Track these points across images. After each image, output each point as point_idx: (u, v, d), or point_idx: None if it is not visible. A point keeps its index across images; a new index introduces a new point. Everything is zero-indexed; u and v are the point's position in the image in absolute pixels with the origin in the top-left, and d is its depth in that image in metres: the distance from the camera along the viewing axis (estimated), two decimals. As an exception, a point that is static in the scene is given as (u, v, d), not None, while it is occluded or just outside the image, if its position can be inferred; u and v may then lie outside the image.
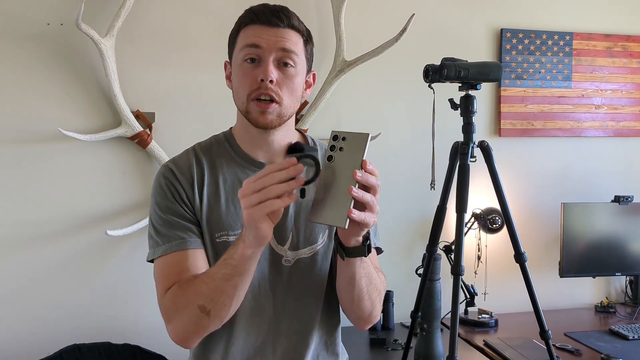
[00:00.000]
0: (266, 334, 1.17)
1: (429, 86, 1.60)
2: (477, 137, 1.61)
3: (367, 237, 1.04)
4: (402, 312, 2.18)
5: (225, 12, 2.13)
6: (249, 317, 1.16)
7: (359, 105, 2.28)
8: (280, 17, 1.11)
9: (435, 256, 1.73)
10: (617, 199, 2.42)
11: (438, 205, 1.68)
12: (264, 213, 0.92)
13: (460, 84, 1.61)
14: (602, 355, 1.91)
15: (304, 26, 1.17)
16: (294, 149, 1.20)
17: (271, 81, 1.09)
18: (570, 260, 2.38)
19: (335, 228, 1.07)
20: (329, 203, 0.93)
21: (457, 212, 1.53)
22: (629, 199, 2.42)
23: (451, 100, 1.60)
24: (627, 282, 2.58)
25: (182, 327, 1.08)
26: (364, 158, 0.94)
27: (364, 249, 1.03)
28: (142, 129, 2.01)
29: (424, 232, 2.29)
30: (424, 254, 1.75)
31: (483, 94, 2.41)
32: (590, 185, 2.55)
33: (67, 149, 2.00)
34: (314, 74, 1.22)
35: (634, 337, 2.10)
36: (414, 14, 2.07)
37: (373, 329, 2.19)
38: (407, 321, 1.90)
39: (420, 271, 1.81)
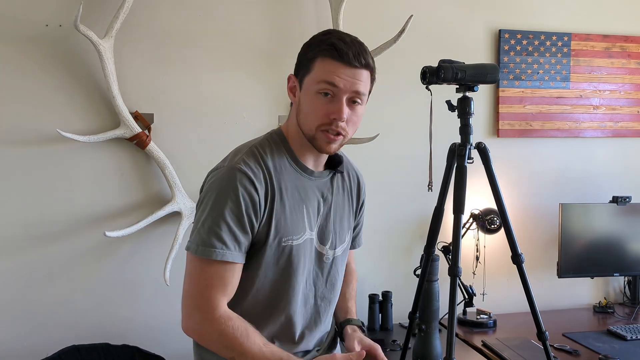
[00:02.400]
0: (309, 322, 1.36)
1: (427, 88, 1.60)
2: (475, 138, 1.61)
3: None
4: (401, 312, 2.18)
5: (224, 13, 2.14)
6: (298, 309, 1.32)
7: (357, 106, 2.28)
8: (359, 59, 1.20)
9: (433, 257, 1.73)
10: (615, 200, 2.42)
11: (435, 207, 1.68)
12: None
13: (457, 86, 1.61)
14: (600, 356, 1.92)
15: (373, 62, 1.27)
16: (335, 161, 1.38)
17: (343, 120, 1.21)
18: (568, 261, 2.38)
19: (352, 226, 1.46)
20: None
21: (454, 213, 1.53)
22: (627, 199, 2.42)
23: (448, 102, 1.60)
24: (625, 283, 2.59)
25: (207, 345, 1.24)
26: None
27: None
28: (140, 130, 2.01)
29: (422, 233, 2.29)
30: (422, 255, 1.76)
31: (481, 95, 2.41)
32: (589, 186, 2.56)
33: (66, 150, 2.00)
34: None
35: (632, 337, 2.10)
36: (412, 15, 2.07)
37: (371, 330, 2.19)
38: (406, 322, 1.90)
39: (418, 272, 1.81)
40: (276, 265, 1.27)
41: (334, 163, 1.37)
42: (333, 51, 1.19)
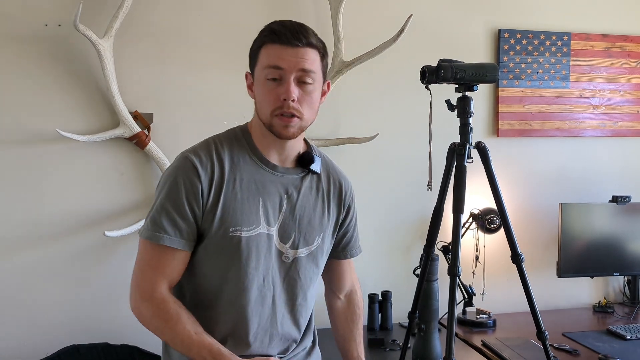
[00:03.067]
0: (265, 321, 1.31)
1: (426, 87, 1.60)
2: (475, 138, 1.62)
3: None
4: (400, 312, 2.18)
5: (223, 13, 2.14)
6: (253, 307, 1.29)
7: (356, 105, 2.29)
8: (300, 37, 1.20)
9: (433, 257, 1.73)
10: (615, 199, 2.42)
11: (435, 206, 1.68)
12: None
13: (457, 85, 1.61)
14: (599, 356, 1.92)
15: (321, 42, 1.27)
16: (305, 159, 1.34)
17: (293, 100, 1.20)
18: (568, 261, 2.38)
19: (328, 231, 1.33)
20: None
21: (453, 213, 1.53)
22: (627, 199, 2.42)
23: (448, 102, 1.60)
24: (625, 282, 2.58)
25: (144, 325, 1.26)
26: None
27: None
28: (140, 129, 2.01)
29: (421, 232, 2.29)
30: (422, 255, 1.76)
31: (481, 95, 2.41)
32: (588, 186, 2.56)
33: (65, 150, 2.00)
34: (328, 83, 1.34)
35: (631, 337, 2.10)
36: (411, 15, 2.07)
37: (371, 329, 2.19)
38: (405, 321, 1.90)
39: (418, 271, 1.81)
40: (223, 254, 1.26)
41: (305, 162, 1.34)
42: (272, 35, 1.21)
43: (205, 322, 1.26)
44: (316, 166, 1.36)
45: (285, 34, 1.20)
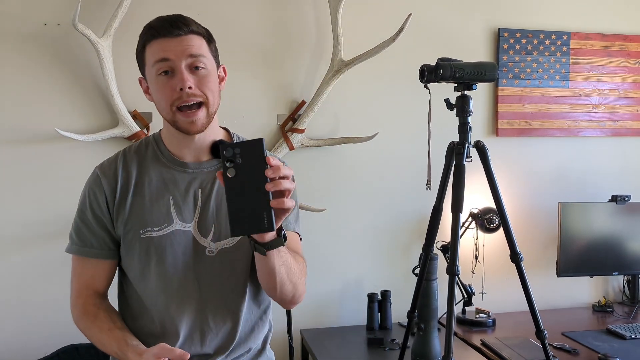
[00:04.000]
0: (194, 319, 1.25)
1: (425, 86, 1.60)
2: (474, 137, 1.61)
3: (280, 229, 1.07)
4: (400, 311, 2.18)
5: (222, 13, 2.14)
6: (177, 305, 1.24)
7: (356, 105, 2.29)
8: (180, 26, 1.19)
9: (432, 256, 1.73)
10: (615, 199, 2.42)
11: (434, 205, 1.68)
12: None
13: (456, 84, 1.61)
14: (599, 355, 1.91)
15: (203, 28, 1.25)
16: (216, 147, 1.27)
17: (190, 87, 1.16)
18: (567, 260, 2.38)
19: None
20: (247, 213, 0.97)
21: (452, 212, 1.53)
22: (626, 198, 2.42)
23: (447, 101, 1.60)
24: (625, 282, 2.58)
25: (80, 331, 1.26)
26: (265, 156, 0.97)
27: (281, 239, 1.08)
28: (139, 129, 2.01)
29: (420, 232, 2.29)
30: (421, 254, 1.76)
31: (480, 94, 2.41)
32: (588, 185, 2.55)
33: (64, 149, 2.00)
34: (223, 68, 1.31)
35: (631, 336, 2.10)
36: (411, 14, 2.07)
37: (370, 329, 2.19)
38: (404, 321, 1.90)
39: (417, 271, 1.81)
40: (139, 257, 1.24)
41: (216, 151, 1.28)
42: (152, 31, 1.20)
43: (141, 327, 1.26)
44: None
45: (164, 27, 1.19)
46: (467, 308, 2.30)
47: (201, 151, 1.27)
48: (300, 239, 1.36)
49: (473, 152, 1.60)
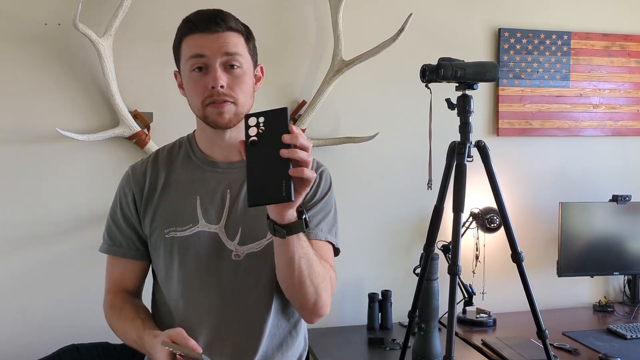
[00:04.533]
0: (214, 327, 1.19)
1: (426, 86, 1.60)
2: (475, 137, 1.61)
3: (301, 211, 1.01)
4: (400, 311, 2.18)
5: (223, 12, 2.14)
6: (197, 311, 1.19)
7: (356, 104, 2.28)
8: (218, 22, 1.15)
9: (433, 256, 1.73)
10: (615, 198, 2.42)
11: (435, 205, 1.68)
12: None
13: (457, 84, 1.61)
14: (600, 355, 1.91)
15: (242, 25, 1.21)
16: None
17: (222, 86, 1.14)
18: (568, 260, 2.38)
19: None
20: (266, 182, 0.92)
21: (453, 212, 1.53)
22: (627, 198, 2.42)
23: (448, 100, 1.60)
24: (625, 282, 2.58)
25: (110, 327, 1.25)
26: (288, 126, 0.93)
27: (301, 222, 1.01)
28: (140, 129, 2.01)
29: (421, 231, 2.29)
30: (422, 254, 1.76)
31: (481, 94, 2.41)
32: (588, 185, 2.55)
33: (65, 149, 2.00)
34: (261, 67, 1.27)
35: (632, 336, 2.10)
36: (411, 14, 2.07)
37: (371, 329, 2.19)
38: (405, 321, 1.90)
39: (418, 271, 1.81)
40: (164, 259, 1.21)
41: None
42: (190, 25, 1.17)
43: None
44: None
45: (202, 22, 1.16)
46: (467, 308, 2.30)
47: (232, 151, 1.24)
48: (337, 251, 1.28)
49: (474, 152, 1.60)
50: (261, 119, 0.93)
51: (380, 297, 2.23)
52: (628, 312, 2.43)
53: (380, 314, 2.22)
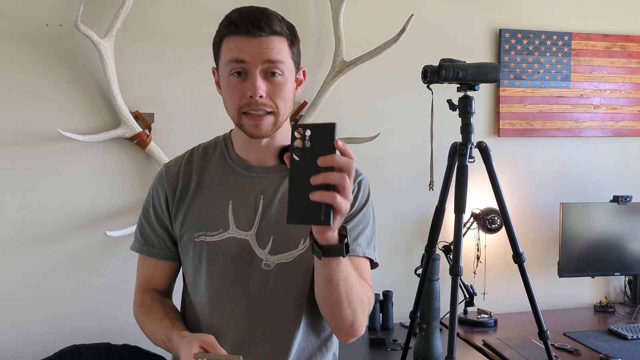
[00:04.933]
0: (238, 337, 1.15)
1: (428, 87, 1.60)
2: (476, 138, 1.62)
3: (344, 235, 0.94)
4: (402, 312, 2.18)
5: (224, 13, 2.14)
6: (221, 319, 1.16)
7: (357, 105, 2.29)
8: (261, 26, 1.08)
9: (434, 256, 1.73)
10: (616, 199, 2.42)
11: (437, 206, 1.69)
12: None
13: (458, 85, 1.61)
14: (601, 355, 1.92)
15: (286, 27, 1.14)
16: (284, 152, 1.18)
17: (260, 96, 1.08)
18: (569, 260, 2.38)
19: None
20: (307, 202, 0.87)
21: (455, 212, 1.54)
22: (628, 198, 2.42)
23: (449, 101, 1.60)
24: (626, 282, 2.58)
25: (139, 326, 1.22)
26: (335, 147, 0.87)
27: (342, 247, 0.94)
28: (141, 129, 2.01)
29: (422, 232, 2.29)
30: (423, 254, 1.76)
31: (482, 94, 2.41)
32: (589, 185, 2.56)
33: (66, 150, 2.00)
34: (303, 71, 1.21)
35: (633, 336, 2.10)
36: (412, 15, 2.07)
37: (372, 329, 2.19)
38: (407, 321, 1.90)
39: (419, 271, 1.81)
40: (193, 263, 1.18)
41: (283, 156, 1.19)
42: (231, 26, 1.09)
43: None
44: None
45: (245, 24, 1.07)
46: (469, 308, 2.30)
47: (267, 155, 1.18)
48: (375, 265, 1.26)
49: (475, 152, 1.60)
50: (308, 132, 0.87)
51: (381, 297, 2.23)
52: (629, 312, 2.43)
53: (381, 314, 2.22)
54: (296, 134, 0.88)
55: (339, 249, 0.94)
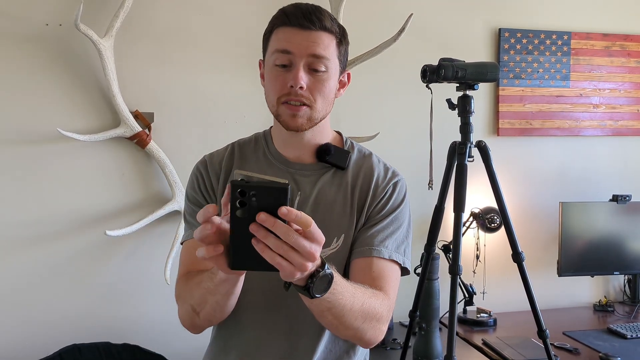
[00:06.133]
0: (266, 330, 1.16)
1: (427, 86, 1.60)
2: (475, 137, 1.62)
3: (313, 275, 0.88)
4: (401, 311, 2.18)
5: (224, 12, 2.14)
6: (249, 312, 1.15)
7: (357, 105, 2.29)
8: (312, 20, 1.09)
9: (433, 255, 1.73)
10: (615, 198, 2.43)
11: (436, 205, 1.69)
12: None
13: (457, 84, 1.61)
14: (600, 354, 1.92)
15: (338, 26, 1.15)
16: (322, 151, 1.19)
17: (301, 87, 1.08)
18: (568, 260, 2.38)
19: (351, 232, 0.96)
20: (251, 248, 0.79)
21: (454, 212, 1.54)
22: (627, 198, 2.42)
23: (449, 101, 1.60)
24: (625, 281, 2.59)
25: (182, 317, 1.13)
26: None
27: (305, 291, 0.88)
28: (141, 129, 2.01)
29: (422, 231, 2.29)
30: (423, 254, 1.76)
31: (481, 94, 2.41)
32: (589, 185, 2.56)
33: (66, 150, 2.00)
34: (348, 74, 1.22)
35: (632, 335, 2.10)
36: (412, 14, 2.07)
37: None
38: (406, 320, 1.90)
39: (419, 270, 1.82)
40: None
41: (321, 154, 1.19)
42: (283, 17, 1.11)
43: (226, 325, 1.18)
44: (338, 159, 1.20)
45: (296, 16, 1.09)
46: (468, 308, 2.30)
47: (305, 152, 1.20)
48: (405, 270, 1.23)
49: (475, 152, 1.60)
50: (252, 192, 0.78)
51: (380, 296, 2.23)
52: (628, 311, 2.43)
53: (380, 313, 2.22)
54: (238, 192, 0.78)
55: (301, 290, 0.89)
